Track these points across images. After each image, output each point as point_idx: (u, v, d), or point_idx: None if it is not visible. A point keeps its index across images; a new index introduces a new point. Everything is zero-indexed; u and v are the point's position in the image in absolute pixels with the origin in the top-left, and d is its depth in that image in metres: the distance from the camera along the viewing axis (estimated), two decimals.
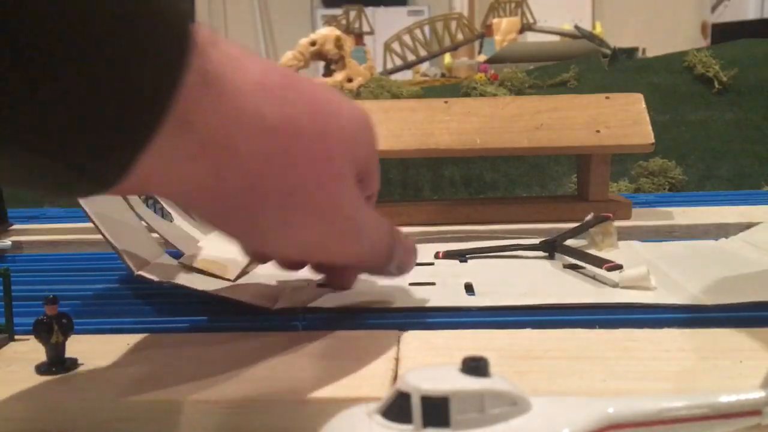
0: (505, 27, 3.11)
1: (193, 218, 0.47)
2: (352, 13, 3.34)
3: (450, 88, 1.62)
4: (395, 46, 3.01)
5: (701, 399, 0.20)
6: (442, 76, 2.70)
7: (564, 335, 0.31)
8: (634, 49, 2.15)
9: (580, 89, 1.41)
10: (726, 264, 0.42)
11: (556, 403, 0.20)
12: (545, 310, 0.35)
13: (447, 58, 3.16)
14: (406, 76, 2.96)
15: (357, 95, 1.59)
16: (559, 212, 0.56)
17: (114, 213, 0.36)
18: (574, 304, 0.36)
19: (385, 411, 0.18)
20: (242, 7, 5.26)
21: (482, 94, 1.39)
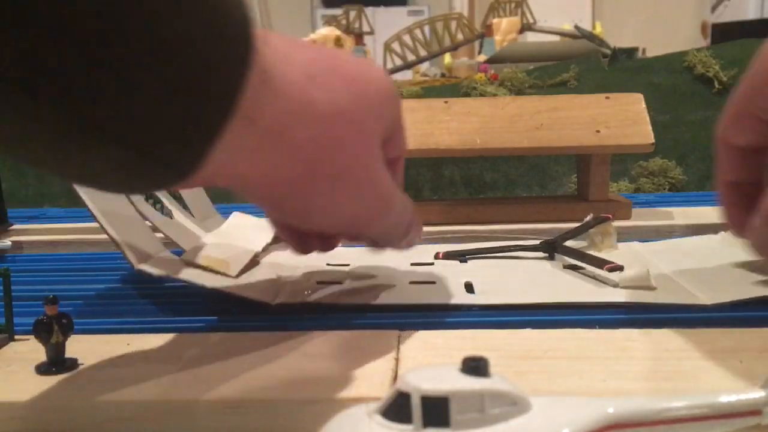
0: (505, 27, 3.11)
1: (194, 216, 0.47)
2: (352, 13, 3.35)
3: (450, 88, 1.62)
4: (395, 46, 3.01)
5: (701, 399, 0.20)
6: (442, 76, 2.70)
7: (564, 335, 0.31)
8: (634, 49, 2.15)
9: (580, 89, 1.41)
10: (725, 259, 0.42)
11: (556, 403, 0.20)
12: (545, 310, 0.35)
13: (447, 58, 3.16)
14: (406, 76, 2.96)
15: None
16: (559, 212, 0.56)
17: (116, 208, 0.36)
18: (574, 303, 0.36)
19: (385, 411, 0.18)
20: None
21: (482, 94, 1.39)
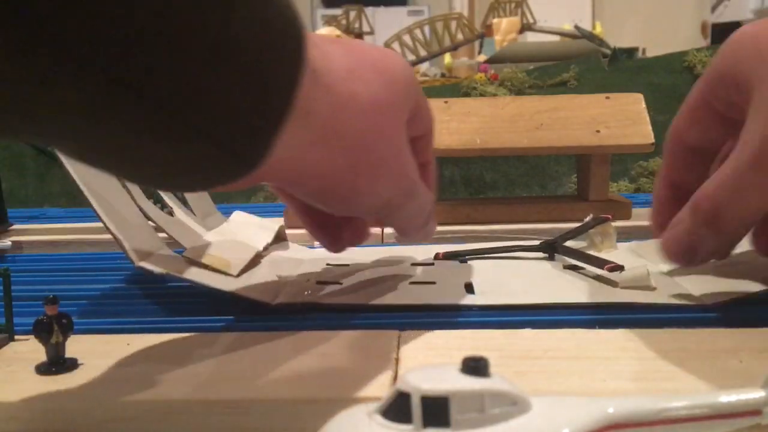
0: (505, 27, 3.11)
1: (194, 213, 0.47)
2: (352, 13, 3.35)
3: (450, 88, 1.62)
4: (395, 46, 3.01)
5: (701, 399, 0.20)
6: (442, 76, 2.70)
7: (564, 335, 0.31)
8: (634, 49, 2.15)
9: (580, 89, 1.41)
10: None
11: (556, 403, 0.20)
12: (545, 310, 0.35)
13: (447, 58, 3.16)
14: None
15: None
16: (559, 212, 0.56)
17: (117, 206, 0.36)
18: (574, 304, 0.36)
19: (385, 411, 0.18)
20: None
21: (482, 94, 1.39)
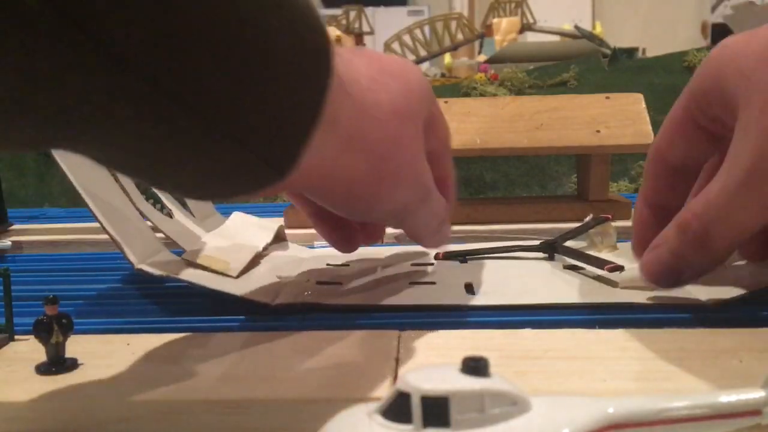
0: (505, 27, 3.11)
1: (193, 215, 0.47)
2: (352, 13, 3.35)
3: (450, 88, 1.62)
4: (395, 46, 3.01)
5: (701, 399, 0.20)
6: (442, 76, 2.70)
7: (564, 335, 0.31)
8: (634, 49, 2.16)
9: (580, 89, 1.42)
10: None
11: (556, 403, 0.20)
12: (545, 310, 0.35)
13: (447, 58, 3.16)
14: None
15: None
16: (559, 212, 0.56)
17: (116, 208, 0.36)
18: (574, 304, 0.36)
19: (385, 411, 0.18)
20: None
21: (482, 94, 1.39)
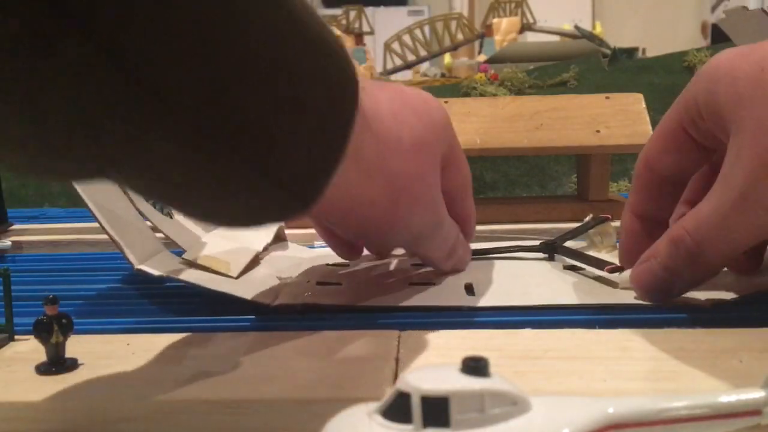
0: (505, 27, 3.11)
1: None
2: (352, 13, 3.35)
3: (450, 88, 1.62)
4: (395, 46, 3.01)
5: (701, 399, 0.20)
6: (442, 76, 2.70)
7: (564, 335, 0.31)
8: (634, 49, 2.15)
9: (580, 89, 1.42)
10: None
11: (556, 403, 0.20)
12: (545, 310, 0.35)
13: (447, 58, 3.16)
14: (406, 76, 2.96)
15: None
16: (559, 212, 0.56)
17: (116, 208, 0.36)
18: (574, 304, 0.36)
19: (385, 411, 0.18)
20: None
21: (482, 94, 1.39)
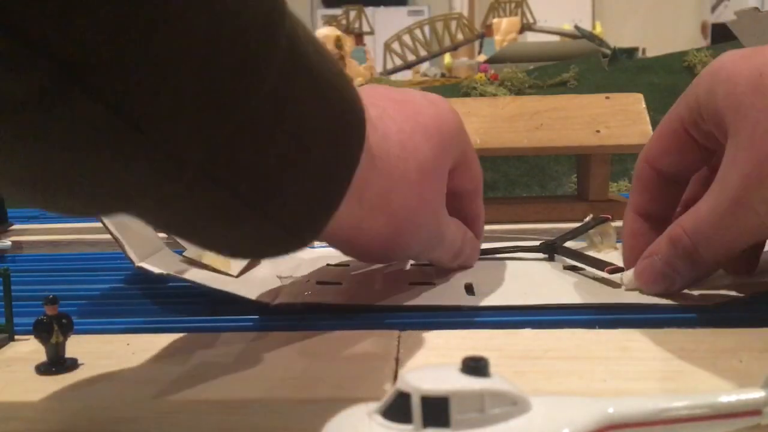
0: (505, 27, 3.12)
1: None
2: (352, 13, 3.35)
3: (450, 88, 1.62)
4: (395, 46, 3.01)
5: (701, 399, 0.20)
6: (442, 76, 2.70)
7: (564, 335, 0.31)
8: (634, 49, 2.15)
9: (580, 89, 1.41)
10: None
11: (556, 403, 0.20)
12: (545, 310, 0.35)
13: (447, 58, 3.16)
14: (406, 76, 2.96)
15: None
16: (559, 212, 0.56)
17: None
18: (574, 304, 0.36)
19: (385, 411, 0.18)
20: None
21: (482, 94, 1.39)
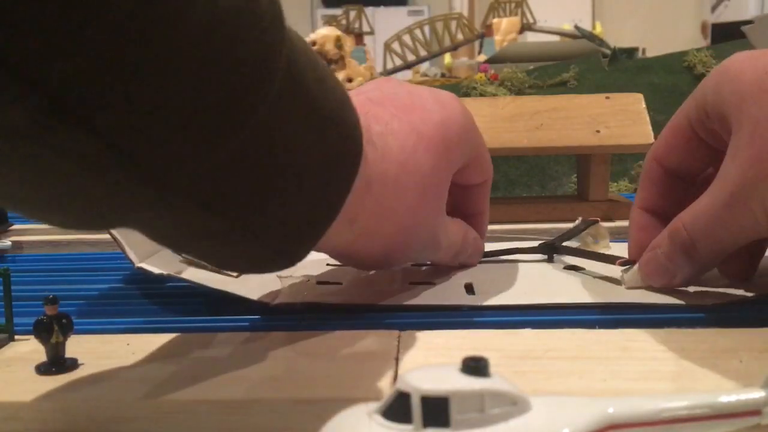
0: (505, 27, 3.11)
1: None
2: (352, 13, 3.35)
3: (450, 88, 1.62)
4: (395, 46, 3.01)
5: (701, 399, 0.20)
6: (442, 76, 2.70)
7: (564, 335, 0.31)
8: (634, 49, 2.15)
9: (580, 89, 1.41)
10: None
11: (556, 403, 0.20)
12: (545, 310, 0.35)
13: (447, 58, 3.16)
14: (406, 76, 2.96)
15: None
16: (559, 212, 0.56)
17: None
18: (574, 304, 0.36)
19: (385, 411, 0.18)
20: None
21: (482, 94, 1.39)
